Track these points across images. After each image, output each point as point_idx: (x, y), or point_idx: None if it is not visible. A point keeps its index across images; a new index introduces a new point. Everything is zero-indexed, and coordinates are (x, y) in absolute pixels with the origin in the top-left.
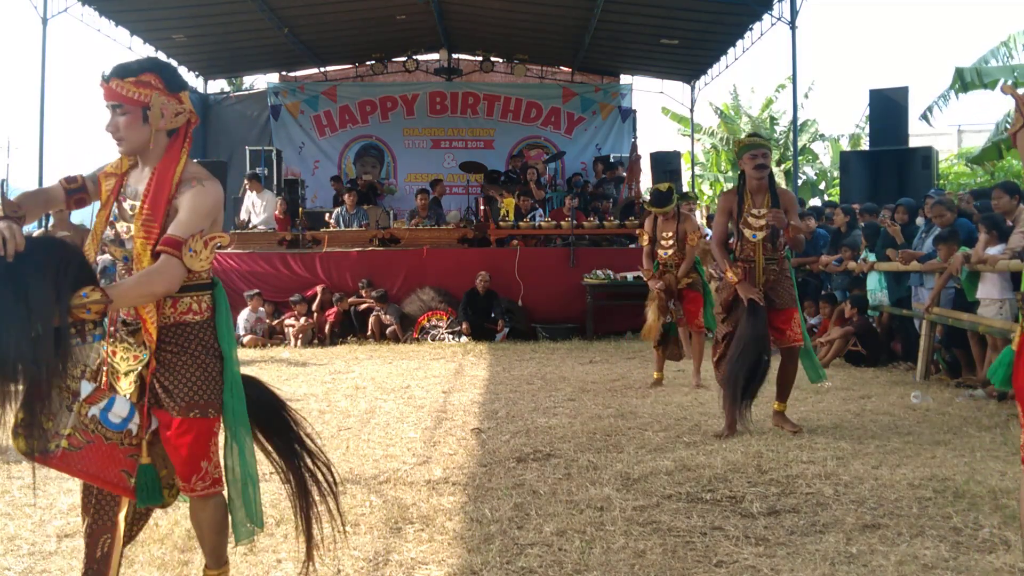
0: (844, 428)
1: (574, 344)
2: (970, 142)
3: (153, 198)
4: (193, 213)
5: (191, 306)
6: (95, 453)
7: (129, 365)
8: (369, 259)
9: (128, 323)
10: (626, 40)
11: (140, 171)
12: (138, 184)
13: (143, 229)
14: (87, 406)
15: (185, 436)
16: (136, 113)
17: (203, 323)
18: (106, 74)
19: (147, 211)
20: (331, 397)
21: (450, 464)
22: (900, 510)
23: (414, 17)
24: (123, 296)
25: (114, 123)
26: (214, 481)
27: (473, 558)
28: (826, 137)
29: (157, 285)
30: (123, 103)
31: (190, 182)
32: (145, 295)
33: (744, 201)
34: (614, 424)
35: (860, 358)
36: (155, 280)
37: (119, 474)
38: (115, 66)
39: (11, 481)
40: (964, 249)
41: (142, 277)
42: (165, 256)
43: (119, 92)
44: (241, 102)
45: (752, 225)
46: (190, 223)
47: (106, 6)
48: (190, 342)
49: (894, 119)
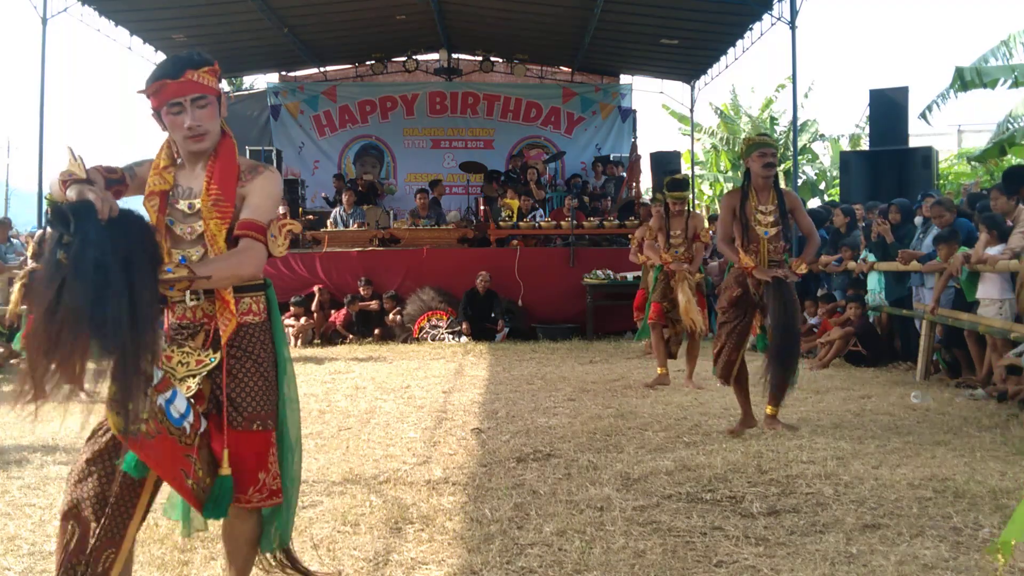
0: (844, 428)
1: (574, 344)
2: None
3: (221, 180)
4: (268, 199)
5: (251, 307)
6: (162, 445)
7: (190, 369)
8: (369, 259)
9: (185, 326)
10: (626, 40)
11: (191, 171)
12: (191, 183)
13: (216, 210)
14: (156, 394)
15: (247, 448)
16: (215, 104)
17: (261, 325)
18: (173, 69)
19: (216, 192)
20: (331, 397)
21: (450, 464)
22: (900, 510)
23: (414, 17)
24: (212, 272)
25: (197, 116)
26: (272, 492)
27: (473, 558)
28: (826, 137)
29: (245, 267)
30: (206, 93)
31: (255, 168)
32: (232, 276)
33: (749, 199)
34: (614, 424)
35: (860, 358)
36: (244, 262)
37: (179, 472)
38: (177, 58)
39: (11, 481)
40: (964, 249)
41: (231, 257)
42: (249, 239)
43: (200, 83)
44: (241, 102)
45: (761, 222)
46: (266, 208)
47: (106, 6)
48: (253, 346)
49: (894, 119)
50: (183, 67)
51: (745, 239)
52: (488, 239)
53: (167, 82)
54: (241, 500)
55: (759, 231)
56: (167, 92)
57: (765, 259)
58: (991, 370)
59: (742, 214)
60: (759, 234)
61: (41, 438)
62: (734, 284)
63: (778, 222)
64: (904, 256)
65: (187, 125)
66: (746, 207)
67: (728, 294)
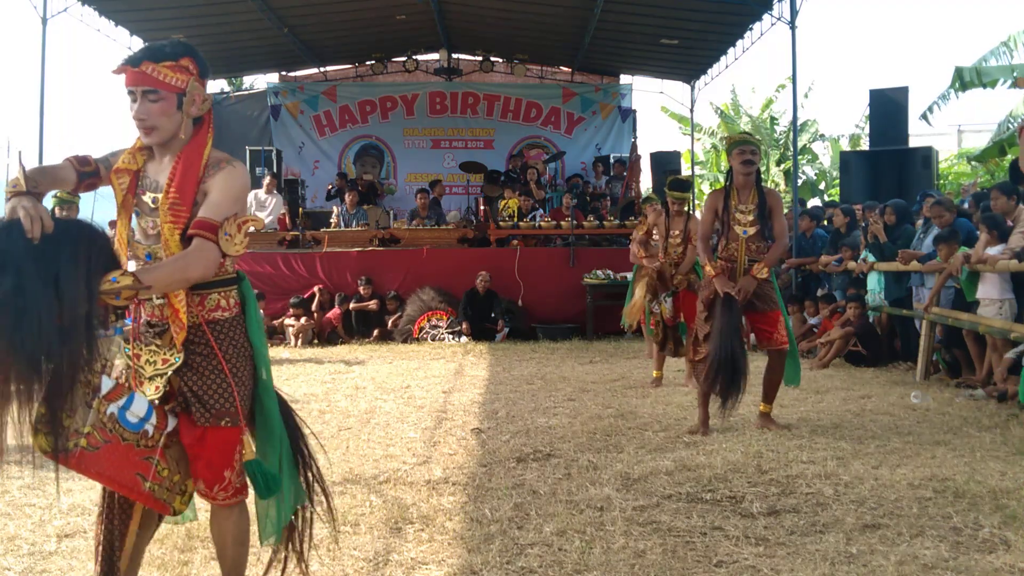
0: (844, 428)
1: (574, 344)
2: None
3: (180, 181)
4: (225, 195)
5: (219, 302)
6: (111, 454)
7: (156, 369)
8: (369, 259)
9: (154, 324)
10: (626, 40)
11: (159, 162)
12: (158, 175)
13: (170, 213)
14: (106, 403)
15: (212, 445)
16: (171, 99)
17: (233, 320)
18: (135, 56)
19: (174, 195)
20: (331, 397)
21: (450, 464)
22: (900, 510)
23: (414, 17)
24: (156, 280)
25: (145, 109)
26: (236, 490)
27: (473, 558)
28: (826, 137)
29: (193, 269)
30: (158, 88)
31: (218, 164)
32: (179, 280)
33: (731, 198)
34: (614, 424)
35: (860, 358)
36: (191, 264)
37: (133, 477)
38: (147, 47)
39: (11, 481)
40: (964, 249)
41: (177, 261)
42: (200, 240)
43: (154, 77)
44: (241, 102)
45: (740, 221)
46: (223, 205)
47: (106, 6)
48: (221, 342)
49: (894, 119)
50: (143, 57)
51: (725, 238)
52: (488, 239)
53: (127, 69)
54: (207, 496)
55: (738, 231)
56: (126, 79)
57: (743, 259)
58: (991, 370)
59: (724, 213)
60: (738, 233)
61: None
62: (708, 285)
63: (757, 222)
64: (904, 256)
65: (134, 116)
66: (728, 206)
67: (703, 295)
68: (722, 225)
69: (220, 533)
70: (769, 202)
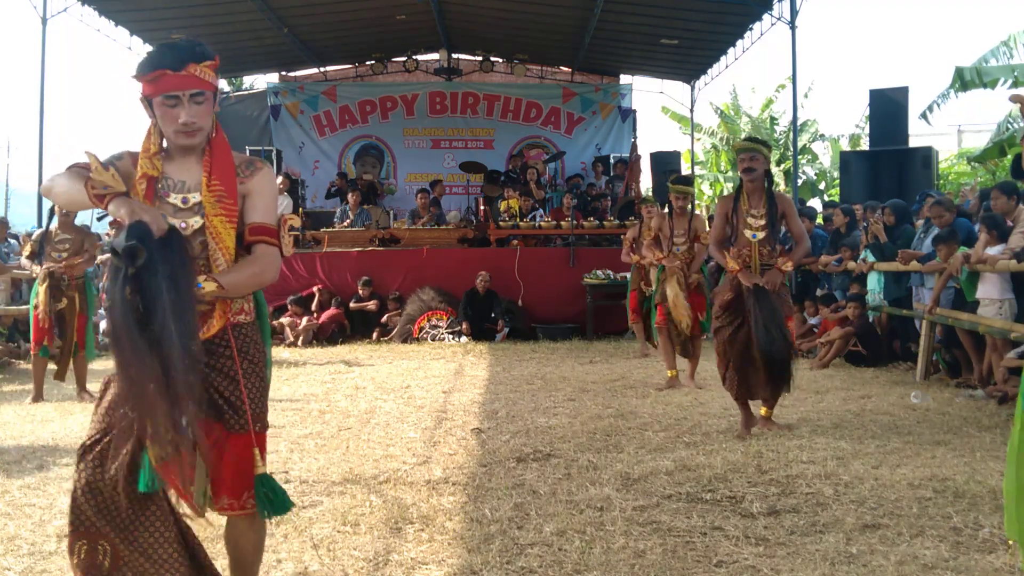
0: (844, 428)
1: (574, 344)
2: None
3: (221, 174)
4: (271, 198)
5: (243, 306)
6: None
7: None
8: (369, 259)
9: None
10: (626, 40)
11: (181, 163)
12: (183, 176)
13: (221, 207)
14: None
15: (246, 450)
16: (210, 99)
17: (252, 324)
18: (174, 60)
19: (219, 188)
20: (331, 397)
21: (450, 464)
22: (900, 510)
23: (414, 17)
24: (236, 286)
25: (195, 112)
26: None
27: (473, 558)
28: (826, 137)
29: (267, 275)
30: (204, 89)
31: (252, 163)
32: (254, 285)
33: (740, 203)
34: (614, 424)
35: (860, 358)
36: (266, 269)
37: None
38: (182, 49)
39: (11, 481)
40: (964, 249)
41: (253, 267)
42: (266, 246)
43: (201, 78)
44: (241, 102)
45: (751, 225)
46: (271, 209)
47: (106, 6)
48: (247, 346)
49: (894, 119)
50: (186, 60)
51: (735, 242)
52: (488, 239)
53: (167, 73)
54: (234, 507)
55: (748, 235)
56: (165, 83)
57: (756, 263)
58: (990, 369)
59: (734, 217)
60: (748, 238)
61: (41, 438)
62: (727, 288)
63: (767, 226)
64: (904, 256)
65: (182, 121)
66: (738, 210)
67: (720, 298)
68: (732, 230)
69: (241, 543)
70: (780, 206)
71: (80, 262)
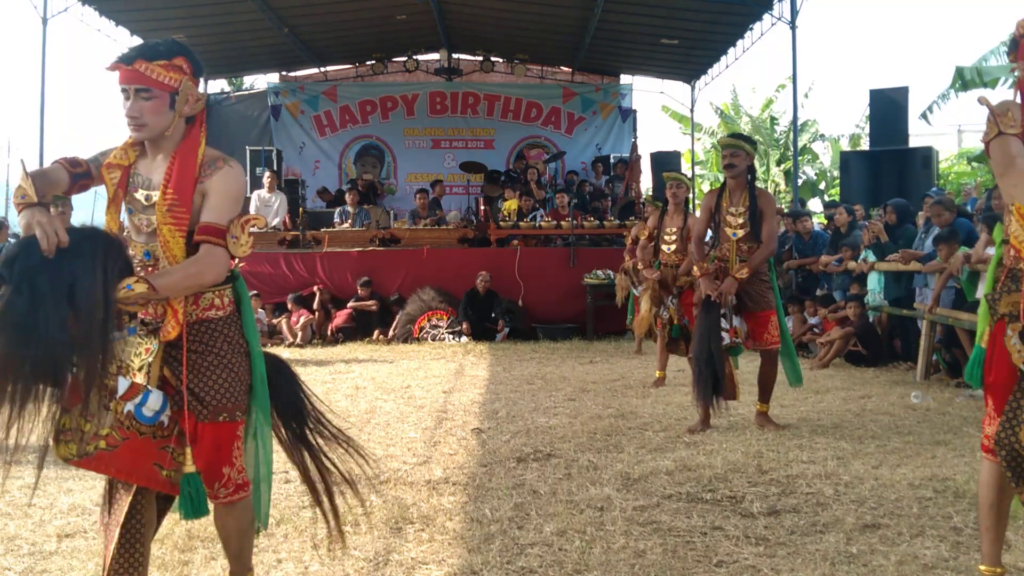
0: (844, 428)
1: (574, 344)
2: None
3: (177, 182)
4: (227, 197)
5: (213, 301)
6: (129, 450)
7: (142, 359)
8: (369, 259)
9: (148, 322)
10: (626, 40)
11: (152, 160)
12: (150, 173)
13: (171, 216)
14: (123, 403)
15: (210, 442)
16: (163, 98)
17: (227, 318)
18: (128, 54)
19: (172, 196)
20: (331, 397)
21: (450, 464)
22: (900, 510)
23: (414, 17)
24: (170, 287)
25: (137, 107)
26: (237, 487)
27: (473, 558)
28: (826, 137)
29: (206, 275)
30: (151, 87)
31: (214, 163)
32: (193, 286)
33: (723, 199)
34: (614, 424)
35: (860, 358)
36: (204, 270)
37: (151, 468)
38: (141, 46)
39: (11, 481)
40: (964, 249)
41: (190, 268)
42: (209, 246)
43: (147, 75)
44: (241, 102)
45: (731, 223)
46: (225, 208)
47: (106, 6)
48: (215, 340)
49: (894, 119)
50: (137, 56)
51: (716, 239)
52: (488, 239)
53: (120, 66)
54: (209, 495)
55: (728, 232)
56: (120, 76)
57: (734, 260)
58: None
59: (717, 214)
60: (728, 235)
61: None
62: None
63: (747, 223)
64: (905, 256)
65: (126, 114)
66: (720, 207)
67: (699, 294)
68: (714, 226)
69: (223, 527)
70: (760, 204)
71: None
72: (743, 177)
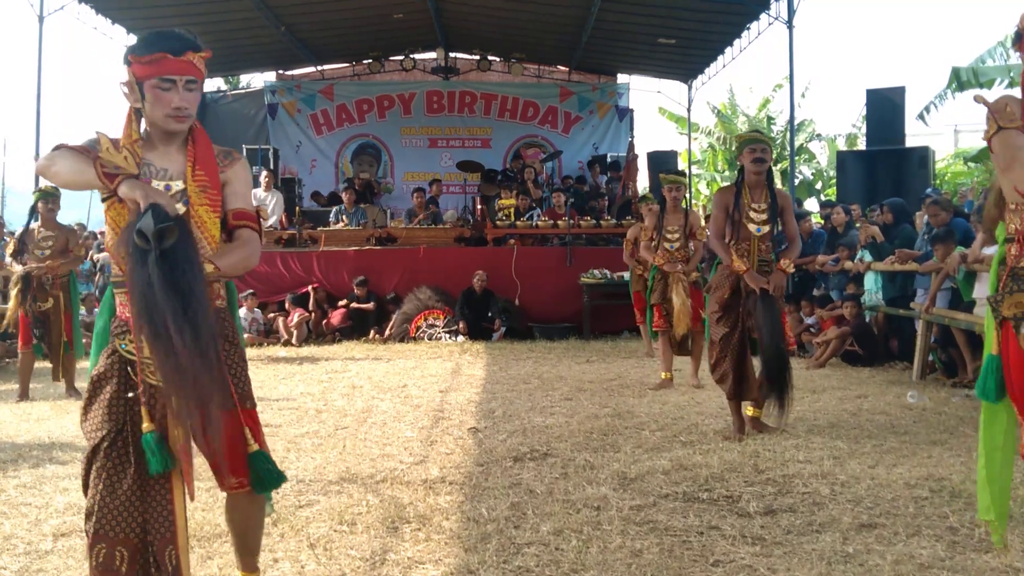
0: (841, 428)
1: (571, 343)
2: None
3: (204, 164)
4: (249, 187)
5: (218, 291)
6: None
7: None
8: (366, 258)
9: None
10: (623, 39)
11: (163, 151)
12: (165, 164)
13: (206, 197)
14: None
15: (236, 429)
16: (200, 88)
17: (226, 310)
18: (175, 46)
19: (203, 177)
20: (328, 396)
21: (447, 463)
22: (896, 509)
23: (411, 16)
24: (230, 267)
25: (188, 99)
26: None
27: (470, 557)
28: (823, 137)
29: (254, 258)
30: (197, 78)
31: (229, 154)
32: (244, 268)
33: (743, 196)
34: (611, 423)
35: (857, 358)
36: (253, 253)
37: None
38: (179, 37)
39: (7, 480)
40: (961, 249)
41: (244, 250)
42: (250, 231)
43: (198, 67)
44: (238, 100)
45: (754, 220)
46: (250, 196)
47: (102, 4)
48: (226, 328)
49: (891, 119)
50: (186, 47)
51: (736, 237)
52: (485, 238)
53: (167, 57)
54: (235, 485)
55: (751, 229)
56: (164, 67)
57: (755, 258)
58: None
59: (735, 211)
60: (751, 232)
61: (37, 437)
62: (724, 284)
63: (769, 221)
64: (901, 256)
65: (175, 105)
66: (740, 204)
67: (718, 295)
68: (734, 224)
69: (243, 519)
70: (780, 202)
71: (64, 262)
72: (765, 174)
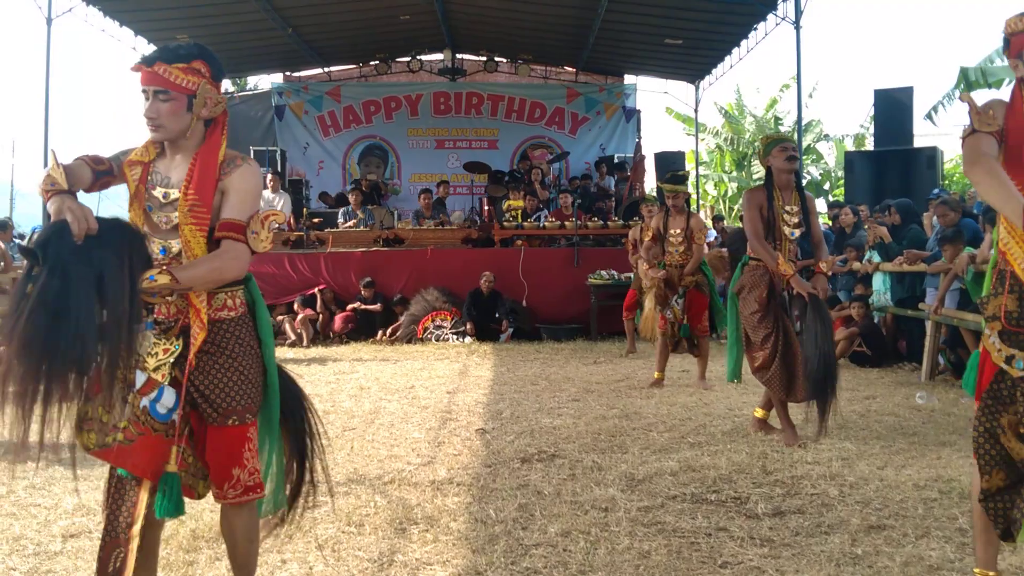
0: (849, 429)
1: (578, 344)
2: None
3: (199, 182)
4: (246, 194)
5: (226, 302)
6: (144, 445)
7: (159, 360)
8: (373, 259)
9: (161, 321)
10: (630, 40)
11: (171, 159)
12: (169, 172)
13: (191, 216)
14: (139, 397)
15: (220, 443)
16: (181, 100)
17: (239, 320)
18: (149, 56)
19: (193, 196)
20: (335, 397)
21: (455, 465)
22: (905, 511)
23: (418, 17)
24: (192, 280)
25: (155, 108)
26: (247, 488)
27: (478, 559)
28: (831, 137)
29: (228, 270)
30: (169, 89)
31: (233, 161)
32: (215, 280)
33: (775, 198)
34: (618, 425)
35: (865, 358)
36: (225, 265)
37: (163, 466)
38: (161, 48)
39: (16, 481)
40: (969, 249)
41: (212, 262)
42: (230, 241)
43: (166, 78)
44: (245, 102)
45: (788, 222)
46: (245, 204)
47: (110, 6)
48: (227, 341)
49: (899, 119)
50: (156, 58)
51: (770, 238)
52: (492, 239)
53: (141, 68)
54: (218, 496)
55: (786, 231)
56: (140, 78)
57: (786, 258)
58: None
59: (770, 213)
60: (786, 234)
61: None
62: (760, 283)
63: (802, 223)
64: (910, 256)
65: (144, 114)
66: (773, 206)
67: (757, 294)
68: (767, 226)
69: (230, 531)
70: (808, 205)
71: None
72: (793, 176)
